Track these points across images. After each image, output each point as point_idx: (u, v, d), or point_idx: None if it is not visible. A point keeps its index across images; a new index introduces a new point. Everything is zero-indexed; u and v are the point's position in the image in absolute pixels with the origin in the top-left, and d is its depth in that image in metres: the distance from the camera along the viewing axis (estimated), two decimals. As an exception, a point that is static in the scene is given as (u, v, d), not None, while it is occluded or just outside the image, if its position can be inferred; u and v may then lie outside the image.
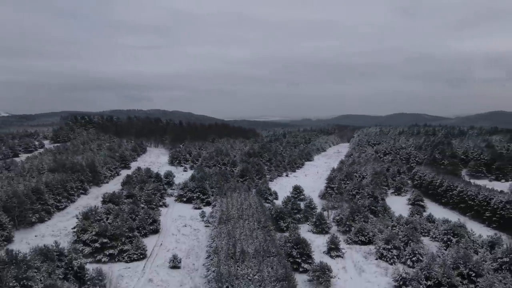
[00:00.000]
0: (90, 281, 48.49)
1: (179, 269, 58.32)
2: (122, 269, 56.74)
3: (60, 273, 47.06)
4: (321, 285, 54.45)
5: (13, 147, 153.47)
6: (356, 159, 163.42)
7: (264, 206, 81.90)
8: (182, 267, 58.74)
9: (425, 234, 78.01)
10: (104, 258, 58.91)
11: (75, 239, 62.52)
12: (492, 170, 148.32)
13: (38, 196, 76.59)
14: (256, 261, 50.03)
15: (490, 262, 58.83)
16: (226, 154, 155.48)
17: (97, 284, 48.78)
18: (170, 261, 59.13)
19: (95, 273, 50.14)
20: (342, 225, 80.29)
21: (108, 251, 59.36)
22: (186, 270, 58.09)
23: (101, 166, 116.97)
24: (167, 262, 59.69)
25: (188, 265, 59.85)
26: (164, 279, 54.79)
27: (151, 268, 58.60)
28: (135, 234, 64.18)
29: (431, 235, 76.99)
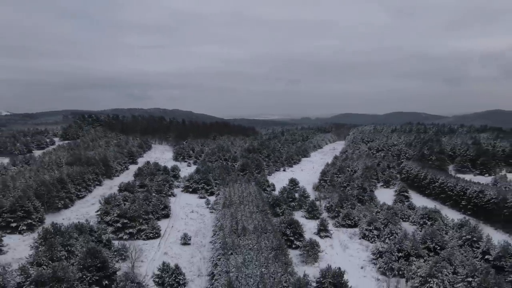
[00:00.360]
0: (117, 252, 58.36)
1: (189, 245, 68.14)
2: (141, 244, 66.46)
3: (93, 244, 56.84)
4: (310, 258, 64.23)
5: (27, 144, 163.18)
6: (349, 155, 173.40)
7: (262, 194, 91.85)
8: (191, 244, 68.55)
9: (405, 219, 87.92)
10: (125, 236, 68.70)
11: (99, 220, 72.25)
12: (477, 166, 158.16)
13: (62, 185, 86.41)
14: (255, 235, 59.86)
15: (456, 240, 68.79)
16: (227, 150, 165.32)
17: (122, 254, 58.63)
18: (181, 239, 68.97)
19: (120, 246, 60.12)
20: (331, 211, 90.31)
21: (128, 230, 69.16)
22: (195, 246, 67.92)
23: (112, 160, 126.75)
24: (179, 239, 69.52)
25: (196, 242, 69.68)
26: (177, 253, 64.63)
27: (165, 244, 68.46)
28: (150, 217, 73.98)
29: (410, 220, 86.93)
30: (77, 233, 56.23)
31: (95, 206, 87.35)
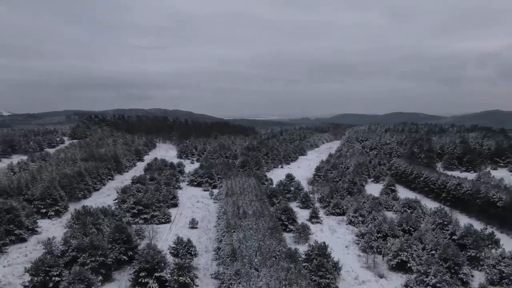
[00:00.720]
0: (136, 232, 68.21)
1: (196, 229, 78.03)
2: (154, 228, 76.34)
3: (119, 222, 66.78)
4: (302, 239, 74.09)
5: (39, 142, 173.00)
6: (344, 153, 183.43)
7: (261, 186, 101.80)
8: (198, 228, 78.44)
9: (389, 209, 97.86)
10: (140, 221, 78.54)
11: (116, 207, 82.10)
12: (463, 163, 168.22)
13: (81, 178, 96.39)
14: (254, 218, 69.77)
15: (430, 224, 78.75)
16: (228, 148, 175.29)
17: (140, 234, 68.47)
18: (189, 223, 78.90)
19: (138, 227, 70.02)
20: (323, 202, 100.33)
21: (143, 215, 79.05)
22: (202, 229, 77.83)
23: (122, 157, 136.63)
24: (187, 224, 79.43)
25: (203, 226, 79.59)
26: (186, 234, 74.13)
27: (176, 228, 78.36)
28: (161, 205, 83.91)
29: (393, 209, 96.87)
30: (102, 215, 66.14)
31: (111, 196, 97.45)
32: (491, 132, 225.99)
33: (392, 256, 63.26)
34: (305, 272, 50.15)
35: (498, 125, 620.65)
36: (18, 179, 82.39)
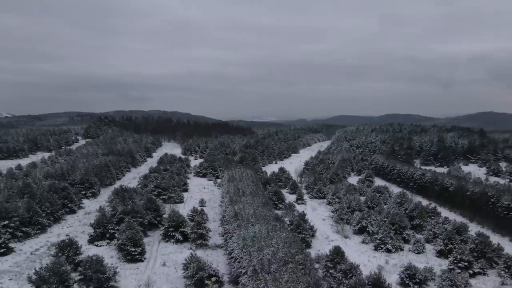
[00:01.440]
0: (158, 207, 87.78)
1: (205, 206, 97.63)
2: (172, 206, 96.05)
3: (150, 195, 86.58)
4: (289, 215, 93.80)
5: (58, 141, 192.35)
6: (332, 150, 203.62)
7: (256, 175, 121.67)
8: (206, 206, 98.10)
9: (362, 194, 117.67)
10: (159, 201, 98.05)
11: (140, 190, 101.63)
12: (438, 159, 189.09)
13: (107, 168, 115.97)
14: (251, 196, 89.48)
15: (392, 204, 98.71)
16: (228, 146, 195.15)
17: (162, 209, 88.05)
18: (199, 202, 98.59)
19: (160, 204, 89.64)
20: (308, 188, 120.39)
21: (162, 196, 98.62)
22: (209, 207, 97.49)
23: (135, 153, 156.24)
24: (197, 203, 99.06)
25: (210, 205, 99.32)
26: (198, 209, 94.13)
27: (188, 206, 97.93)
28: (176, 188, 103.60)
29: (366, 194, 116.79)
30: (134, 193, 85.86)
31: (131, 184, 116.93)
32: (468, 132, 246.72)
33: (356, 223, 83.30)
34: (287, 228, 70.01)
35: (491, 126, 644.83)
36: (61, 168, 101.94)
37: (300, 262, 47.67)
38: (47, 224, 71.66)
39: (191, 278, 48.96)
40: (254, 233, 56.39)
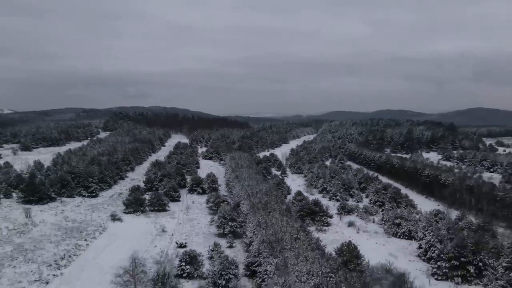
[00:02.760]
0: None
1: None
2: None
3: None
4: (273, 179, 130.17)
5: (84, 132, 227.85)
6: (316, 140, 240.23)
7: (251, 158, 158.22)
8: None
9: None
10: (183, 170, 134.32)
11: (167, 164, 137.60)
12: (404, 148, 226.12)
13: (137, 151, 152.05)
14: (247, 168, 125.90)
15: (351, 175, 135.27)
16: (228, 137, 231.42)
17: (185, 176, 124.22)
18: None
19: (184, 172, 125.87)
20: (291, 167, 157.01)
21: (183, 169, 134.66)
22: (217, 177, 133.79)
23: (153, 141, 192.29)
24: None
25: (217, 176, 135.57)
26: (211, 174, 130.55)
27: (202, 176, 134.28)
28: (191, 165, 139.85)
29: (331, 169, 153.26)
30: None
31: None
32: (438, 126, 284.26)
33: (320, 186, 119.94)
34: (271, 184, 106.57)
35: (479, 120, 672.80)
36: (105, 150, 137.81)
37: (275, 194, 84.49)
38: (112, 182, 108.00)
39: (212, 203, 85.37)
40: (248, 183, 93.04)
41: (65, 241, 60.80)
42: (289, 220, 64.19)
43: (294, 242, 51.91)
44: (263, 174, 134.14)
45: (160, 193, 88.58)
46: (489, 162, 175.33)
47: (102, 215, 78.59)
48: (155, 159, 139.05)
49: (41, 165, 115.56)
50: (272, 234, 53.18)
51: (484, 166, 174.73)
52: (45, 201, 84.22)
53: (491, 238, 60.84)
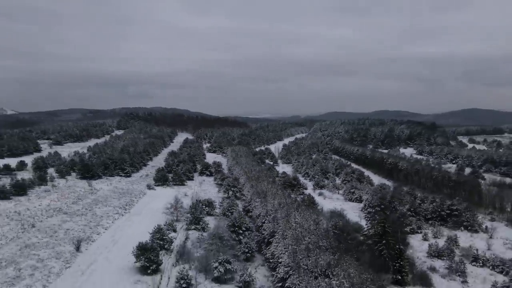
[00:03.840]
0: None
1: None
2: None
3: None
4: (269, 170, 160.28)
5: (102, 131, 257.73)
6: (307, 138, 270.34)
7: (249, 150, 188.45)
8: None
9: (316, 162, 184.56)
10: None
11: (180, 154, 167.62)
12: (384, 144, 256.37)
13: (153, 145, 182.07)
14: (245, 157, 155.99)
15: (331, 164, 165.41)
16: (228, 134, 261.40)
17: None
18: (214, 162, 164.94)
19: (195, 160, 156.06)
20: (282, 158, 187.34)
21: (193, 159, 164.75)
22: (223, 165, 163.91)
23: (164, 137, 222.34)
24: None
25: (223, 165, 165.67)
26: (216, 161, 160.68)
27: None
28: (199, 156, 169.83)
29: (314, 159, 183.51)
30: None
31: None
32: (417, 124, 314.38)
33: (303, 171, 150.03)
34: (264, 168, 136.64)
35: (471, 121, 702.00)
36: (128, 143, 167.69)
37: (265, 173, 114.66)
38: (139, 167, 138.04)
39: (219, 179, 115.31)
40: (246, 166, 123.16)
41: (122, 198, 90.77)
42: (273, 186, 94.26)
43: (274, 194, 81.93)
44: (258, 162, 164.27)
45: (179, 172, 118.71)
46: (452, 155, 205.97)
47: (140, 186, 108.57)
48: (170, 150, 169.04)
49: (82, 154, 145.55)
50: (260, 190, 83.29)
51: (448, 158, 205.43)
52: (96, 177, 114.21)
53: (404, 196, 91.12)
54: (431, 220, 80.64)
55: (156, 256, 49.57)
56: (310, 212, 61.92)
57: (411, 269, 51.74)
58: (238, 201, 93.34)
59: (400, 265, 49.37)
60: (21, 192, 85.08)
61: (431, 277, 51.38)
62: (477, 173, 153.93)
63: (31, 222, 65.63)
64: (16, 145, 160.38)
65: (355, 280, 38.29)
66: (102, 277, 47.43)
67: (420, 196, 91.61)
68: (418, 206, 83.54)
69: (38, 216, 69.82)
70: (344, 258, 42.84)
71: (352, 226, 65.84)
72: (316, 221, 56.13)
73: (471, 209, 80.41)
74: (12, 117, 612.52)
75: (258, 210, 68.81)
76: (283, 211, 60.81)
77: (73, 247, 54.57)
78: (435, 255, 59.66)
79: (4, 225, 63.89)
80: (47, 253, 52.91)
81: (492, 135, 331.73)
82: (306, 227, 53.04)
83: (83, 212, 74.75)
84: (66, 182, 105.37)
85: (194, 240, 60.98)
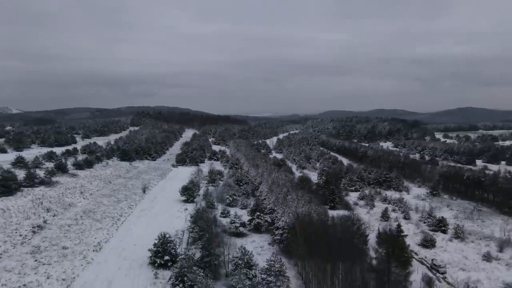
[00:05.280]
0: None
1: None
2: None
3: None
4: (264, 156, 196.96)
5: (119, 127, 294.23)
6: (299, 133, 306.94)
7: (248, 143, 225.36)
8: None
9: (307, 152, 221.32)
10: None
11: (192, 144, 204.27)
12: (367, 138, 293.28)
13: (168, 138, 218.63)
14: (244, 147, 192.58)
15: (313, 153, 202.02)
16: (230, 130, 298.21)
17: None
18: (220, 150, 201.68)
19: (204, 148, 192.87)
20: (275, 149, 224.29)
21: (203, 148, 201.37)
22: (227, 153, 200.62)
23: (175, 132, 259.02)
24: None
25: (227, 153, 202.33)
26: (222, 150, 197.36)
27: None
28: (208, 147, 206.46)
29: (303, 150, 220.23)
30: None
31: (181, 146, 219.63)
32: (399, 121, 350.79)
33: (291, 158, 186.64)
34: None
35: (465, 119, 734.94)
36: (148, 136, 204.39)
37: (260, 156, 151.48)
38: (161, 154, 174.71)
39: (225, 161, 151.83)
40: (245, 152, 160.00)
41: (157, 171, 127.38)
42: (265, 163, 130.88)
43: (265, 166, 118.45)
44: (255, 151, 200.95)
45: (194, 156, 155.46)
46: (420, 147, 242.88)
47: (166, 165, 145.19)
48: (183, 142, 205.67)
49: (117, 142, 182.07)
50: (254, 163, 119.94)
51: (417, 150, 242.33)
52: (132, 160, 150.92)
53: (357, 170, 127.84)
54: (372, 185, 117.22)
55: (192, 193, 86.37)
56: (285, 173, 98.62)
57: (341, 202, 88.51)
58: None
59: (333, 198, 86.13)
60: (89, 166, 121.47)
61: (353, 207, 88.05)
62: (433, 160, 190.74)
63: (108, 180, 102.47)
64: (58, 138, 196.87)
65: (304, 201, 74.70)
66: (162, 203, 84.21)
67: (367, 169, 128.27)
68: (365, 175, 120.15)
69: (109, 178, 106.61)
70: (301, 191, 79.37)
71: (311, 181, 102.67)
72: (289, 177, 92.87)
73: (399, 178, 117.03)
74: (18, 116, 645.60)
75: (252, 173, 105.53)
76: (268, 172, 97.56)
77: (141, 191, 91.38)
78: (361, 198, 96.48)
79: (92, 181, 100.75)
80: (129, 193, 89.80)
81: (467, 131, 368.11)
82: (282, 178, 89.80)
83: (136, 177, 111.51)
84: (112, 162, 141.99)
85: (212, 190, 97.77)
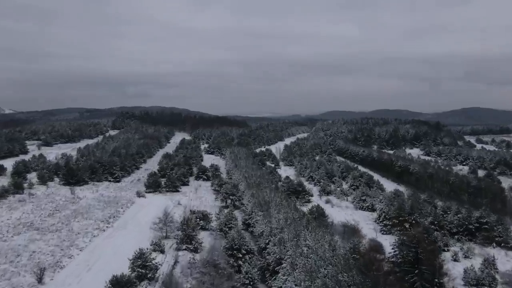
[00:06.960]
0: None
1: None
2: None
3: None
4: (270, 174, 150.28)
5: (95, 131, 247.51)
6: (309, 138, 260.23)
7: (249, 152, 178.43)
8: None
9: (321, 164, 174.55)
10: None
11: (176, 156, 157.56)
12: (389, 144, 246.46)
13: (147, 146, 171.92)
14: (244, 160, 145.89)
15: (337, 166, 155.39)
16: (227, 134, 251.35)
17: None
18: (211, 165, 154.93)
19: (191, 163, 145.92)
20: (283, 160, 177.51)
21: (189, 161, 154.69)
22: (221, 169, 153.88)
23: (160, 138, 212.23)
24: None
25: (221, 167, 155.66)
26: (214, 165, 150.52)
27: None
28: (196, 158, 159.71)
29: (317, 161, 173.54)
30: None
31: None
32: (422, 124, 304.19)
33: (307, 175, 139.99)
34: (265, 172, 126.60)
35: (472, 120, 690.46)
36: (121, 144, 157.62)
37: (267, 178, 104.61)
38: (130, 171, 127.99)
39: (216, 185, 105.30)
40: (245, 170, 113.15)
41: (106, 208, 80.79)
42: (276, 194, 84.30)
43: (279, 205, 71.99)
44: (259, 165, 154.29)
45: (173, 177, 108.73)
46: (462, 156, 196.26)
47: (129, 193, 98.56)
48: (165, 152, 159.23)
49: (69, 156, 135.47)
50: (262, 199, 73.32)
51: (457, 159, 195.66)
52: (81, 183, 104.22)
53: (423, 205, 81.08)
54: (457, 235, 70.79)
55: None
56: (323, 231, 51.96)
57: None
58: (237, 212, 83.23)
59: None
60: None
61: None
62: (491, 176, 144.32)
63: (-5, 238, 55.76)
64: (6, 146, 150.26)
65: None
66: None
67: (442, 205, 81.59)
68: (442, 218, 73.57)
69: (3, 234, 59.86)
70: None
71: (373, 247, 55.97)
72: (332, 245, 46.18)
73: (503, 222, 70.49)
74: (7, 116, 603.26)
75: (261, 226, 58.92)
76: (291, 230, 50.91)
77: (35, 278, 44.54)
78: (474, 284, 49.81)
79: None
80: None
81: (499, 134, 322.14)
82: (321, 253, 43.10)
83: (58, 228, 64.77)
84: (46, 189, 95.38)
85: (185, 265, 51.10)
